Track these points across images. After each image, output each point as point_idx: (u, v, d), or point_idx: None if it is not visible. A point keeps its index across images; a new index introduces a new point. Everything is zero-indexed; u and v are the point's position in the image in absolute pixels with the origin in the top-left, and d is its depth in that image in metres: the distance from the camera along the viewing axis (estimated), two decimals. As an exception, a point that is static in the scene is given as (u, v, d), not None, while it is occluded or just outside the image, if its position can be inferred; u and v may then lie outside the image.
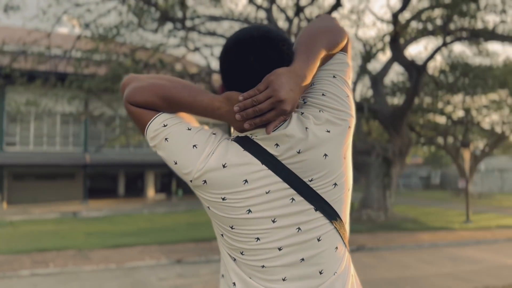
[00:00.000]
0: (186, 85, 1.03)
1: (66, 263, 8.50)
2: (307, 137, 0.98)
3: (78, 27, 11.72)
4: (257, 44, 0.97)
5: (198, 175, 0.99)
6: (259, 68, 0.96)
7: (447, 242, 10.98)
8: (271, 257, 1.00)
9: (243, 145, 0.99)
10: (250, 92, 0.94)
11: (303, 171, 0.99)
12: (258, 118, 0.95)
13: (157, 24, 11.36)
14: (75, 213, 17.29)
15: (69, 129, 22.00)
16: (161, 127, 1.02)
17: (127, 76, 1.10)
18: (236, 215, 0.99)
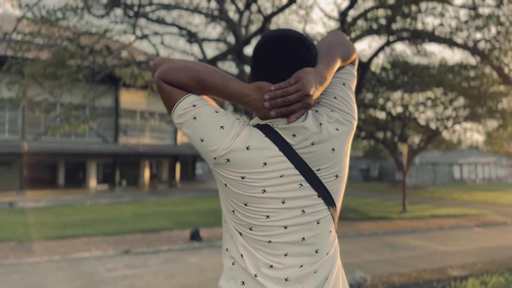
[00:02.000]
0: (217, 71, 1.14)
1: (6, 255, 8.13)
2: (321, 132, 1.13)
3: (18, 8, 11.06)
4: (293, 43, 1.12)
5: (223, 153, 1.09)
6: (292, 64, 1.11)
7: (386, 231, 11.67)
8: (277, 234, 1.13)
9: (265, 132, 1.12)
10: (282, 84, 1.08)
11: (312, 161, 1.13)
12: (285, 108, 1.08)
13: (105, 9, 10.97)
14: (11, 203, 16.42)
15: (5, 115, 20.73)
16: (191, 106, 1.11)
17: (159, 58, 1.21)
18: (251, 193, 1.11)
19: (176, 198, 19.45)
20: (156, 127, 26.69)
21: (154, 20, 11.97)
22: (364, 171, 37.62)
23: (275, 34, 1.15)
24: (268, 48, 1.13)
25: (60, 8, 10.87)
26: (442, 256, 8.69)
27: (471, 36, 10.76)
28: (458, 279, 5.51)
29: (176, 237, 10.21)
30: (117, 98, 23.75)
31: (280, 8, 10.49)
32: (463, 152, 38.63)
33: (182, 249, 9.25)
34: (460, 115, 21.38)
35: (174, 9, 12.28)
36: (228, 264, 1.20)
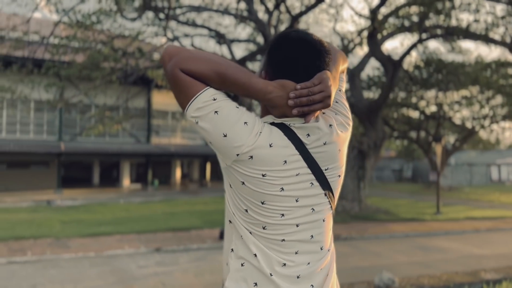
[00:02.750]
0: (238, 66, 1.13)
1: (44, 251, 8.45)
2: (331, 133, 1.18)
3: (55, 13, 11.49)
4: (318, 46, 1.15)
5: (247, 150, 1.07)
6: (315, 66, 1.14)
7: (418, 233, 11.40)
8: (290, 232, 1.15)
9: (283, 131, 1.13)
10: (307, 84, 1.11)
11: (322, 161, 1.17)
12: (307, 107, 1.10)
13: (137, 12, 11.25)
14: (49, 201, 17.04)
15: (44, 116, 21.54)
16: (211, 100, 1.08)
17: (173, 45, 1.14)
18: (270, 191, 1.11)
19: (206, 197, 19.68)
20: (187, 127, 27.07)
21: (183, 22, 12.16)
22: (397, 171, 36.88)
23: (299, 36, 1.16)
24: (294, 49, 1.14)
25: (95, 12, 11.22)
26: (477, 259, 8.42)
27: (509, 32, 10.37)
28: (491, 282, 5.33)
29: (205, 235, 10.33)
30: (149, 99, 24.26)
31: (308, 8, 10.44)
32: (502, 152, 37.22)
33: (212, 247, 9.35)
34: (497, 114, 20.63)
35: (204, 11, 12.43)
36: (236, 266, 1.19)
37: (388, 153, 36.80)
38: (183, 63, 1.09)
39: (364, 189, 15.42)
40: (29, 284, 6.70)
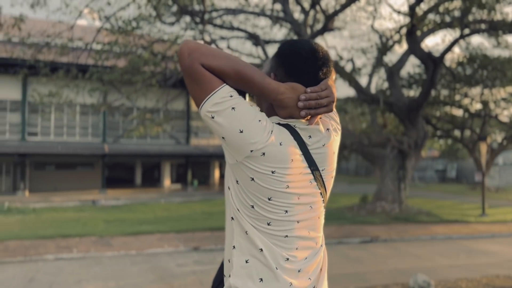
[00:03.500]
0: (253, 66, 1.19)
1: (88, 249, 8.83)
2: (329, 136, 1.27)
3: (98, 20, 11.95)
4: (325, 55, 1.25)
5: (261, 146, 1.13)
6: (323, 73, 1.24)
7: (462, 235, 11.02)
8: (292, 229, 1.22)
9: (289, 130, 1.20)
10: (316, 88, 1.20)
11: (320, 161, 1.25)
12: (313, 110, 1.19)
13: (175, 17, 11.52)
14: (94, 201, 17.74)
15: (88, 120, 22.45)
16: (228, 96, 1.13)
17: (192, 41, 1.17)
18: (278, 188, 1.17)
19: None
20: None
21: (219, 25, 12.31)
22: (440, 172, 35.68)
23: (309, 45, 1.25)
24: (305, 57, 1.22)
25: (135, 18, 11.59)
26: (525, 264, 8.04)
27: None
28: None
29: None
30: (188, 101, 24.73)
31: (343, 6, 10.31)
32: (554, 151, 35.19)
33: (249, 247, 9.43)
34: (548, 111, 19.56)
35: (240, 13, 12.55)
36: (240, 262, 1.22)
37: (431, 153, 35.65)
38: (204, 58, 1.13)
39: (404, 190, 15.05)
40: (75, 280, 7.02)
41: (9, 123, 20.94)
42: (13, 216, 13.47)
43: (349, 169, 43.09)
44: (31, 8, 9.27)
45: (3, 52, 10.18)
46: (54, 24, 10.58)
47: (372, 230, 11.25)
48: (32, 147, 20.10)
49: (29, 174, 21.09)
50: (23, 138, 20.85)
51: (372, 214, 13.93)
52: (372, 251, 9.21)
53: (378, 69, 16.35)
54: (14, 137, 20.93)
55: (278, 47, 1.33)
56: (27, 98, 20.26)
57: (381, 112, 16.84)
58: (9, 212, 14.27)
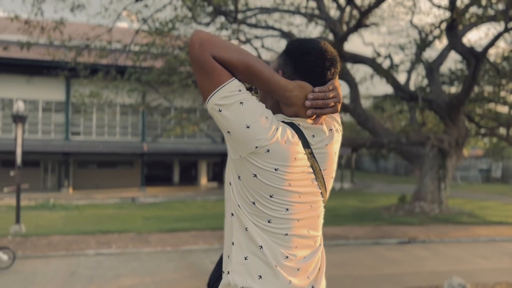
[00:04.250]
0: (263, 61, 1.19)
1: (126, 245, 9.09)
2: (332, 136, 1.28)
3: (136, 22, 12.27)
4: (334, 55, 1.25)
5: (266, 143, 1.12)
6: (330, 73, 1.24)
7: (506, 237, 10.56)
8: (292, 227, 1.22)
9: (294, 129, 1.21)
10: (324, 88, 1.21)
11: (322, 161, 1.25)
12: (319, 109, 1.19)
13: (210, 17, 11.66)
14: (133, 198, 18.25)
15: (128, 119, 23.10)
16: (237, 90, 1.12)
17: (204, 32, 1.16)
18: (280, 185, 1.17)
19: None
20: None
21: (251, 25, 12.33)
22: (484, 171, 34.25)
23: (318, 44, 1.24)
24: (314, 56, 1.22)
25: (171, 19, 11.82)
26: None
27: None
28: None
29: (277, 234, 10.42)
30: (260, 102, 24.91)
31: (377, 2, 10.06)
32: None
33: (283, 246, 9.43)
34: None
35: (274, 12, 12.54)
36: (239, 259, 1.22)
37: (475, 151, 34.29)
38: (215, 50, 1.11)
39: (445, 189, 14.57)
40: (113, 275, 7.25)
41: (54, 123, 21.87)
42: (57, 212, 14.08)
43: (388, 168, 42.15)
44: (71, 12, 9.63)
45: (46, 55, 10.65)
46: (93, 27, 10.97)
47: (410, 231, 10.97)
48: (75, 146, 20.91)
49: (73, 172, 21.96)
50: (67, 137, 21.72)
51: (411, 215, 13.58)
52: (409, 253, 8.98)
53: (417, 66, 15.89)
54: (58, 137, 21.84)
55: (286, 44, 1.33)
56: (71, 99, 21.09)
57: (420, 109, 16.36)
58: (54, 208, 14.92)
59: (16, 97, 18.91)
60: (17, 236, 9.84)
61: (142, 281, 6.88)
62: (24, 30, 9.41)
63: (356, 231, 11.00)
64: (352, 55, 13.36)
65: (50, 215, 13.48)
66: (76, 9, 9.58)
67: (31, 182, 20.56)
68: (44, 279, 7.09)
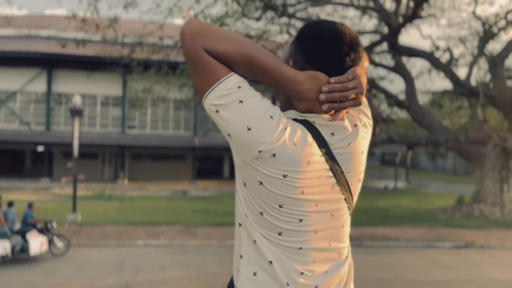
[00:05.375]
0: (267, 51, 1.02)
1: (174, 237, 9.28)
2: (357, 133, 1.09)
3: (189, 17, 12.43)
4: (353, 39, 1.05)
5: (271, 147, 0.97)
6: (349, 60, 1.04)
7: None
8: (308, 240, 1.06)
9: (307, 128, 1.03)
10: (341, 78, 1.01)
11: (345, 163, 1.07)
12: (337, 104, 1.01)
13: (260, 12, 11.57)
14: (184, 191, 18.66)
15: (181, 114, 23.65)
16: (236, 87, 0.98)
17: (197, 21, 1.02)
18: (290, 193, 1.01)
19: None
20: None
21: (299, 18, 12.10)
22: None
23: (334, 27, 1.06)
24: (329, 40, 1.03)
25: (222, 15, 11.87)
26: None
27: None
28: None
29: (324, 233, 10.21)
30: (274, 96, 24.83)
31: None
32: None
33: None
34: None
35: (326, 4, 12.23)
36: (247, 274, 1.09)
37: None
38: (208, 42, 0.97)
39: (508, 192, 13.64)
40: (159, 266, 7.41)
41: (112, 117, 22.83)
42: (112, 203, 14.67)
43: (446, 167, 40.31)
44: (124, 9, 9.93)
45: (101, 51, 11.06)
46: (145, 24, 11.25)
47: (467, 235, 10.35)
48: (131, 139, 21.72)
49: (128, 164, 22.83)
50: (123, 131, 22.60)
51: (468, 217, 12.82)
52: (465, 258, 8.46)
53: (479, 59, 14.93)
54: (115, 130, 22.78)
55: (299, 29, 1.13)
56: (127, 94, 21.90)
57: (482, 106, 15.39)
58: (109, 199, 15.56)
59: (77, 92, 19.90)
60: (73, 225, 10.34)
61: (186, 274, 6.97)
62: (81, 28, 9.82)
63: (408, 233, 10.54)
64: (408, 48, 12.79)
65: (105, 205, 14.06)
66: (129, 6, 9.86)
67: (90, 173, 21.62)
68: (94, 267, 7.38)
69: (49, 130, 22.27)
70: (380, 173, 35.80)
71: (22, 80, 22.90)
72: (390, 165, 39.25)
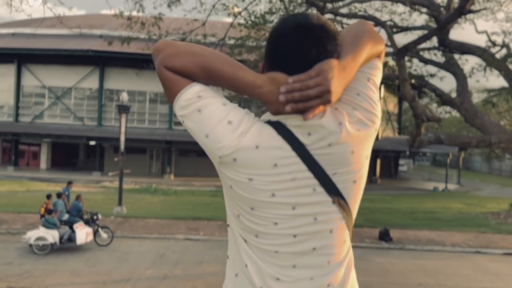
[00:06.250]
0: (227, 58, 1.05)
1: (213, 232, 9.41)
2: (340, 132, 1.00)
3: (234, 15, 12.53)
4: (316, 32, 0.98)
5: (229, 151, 0.99)
6: (313, 55, 0.98)
7: None
8: (285, 243, 1.02)
9: (277, 129, 1.00)
10: (301, 77, 0.96)
11: (328, 164, 1.01)
12: (302, 103, 0.96)
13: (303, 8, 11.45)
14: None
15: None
16: (195, 97, 1.01)
17: (162, 40, 1.09)
18: (259, 197, 1.00)
19: (374, 195, 19.00)
20: (357, 121, 26.66)
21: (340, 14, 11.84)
22: None
23: (295, 19, 1.01)
24: (287, 36, 0.99)
25: (266, 12, 11.86)
26: None
27: None
28: None
29: (365, 234, 9.98)
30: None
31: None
32: None
33: (370, 247, 8.99)
34: None
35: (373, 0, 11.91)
36: (230, 275, 1.10)
37: None
38: (167, 60, 1.03)
39: None
40: (197, 260, 7.55)
41: (159, 113, 23.50)
42: (157, 197, 15.11)
43: (503, 170, 38.32)
44: (168, 7, 10.16)
45: (146, 49, 11.37)
46: (188, 22, 11.43)
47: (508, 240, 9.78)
48: (177, 135, 22.25)
49: (175, 160, 23.42)
50: (170, 127, 23.21)
51: None
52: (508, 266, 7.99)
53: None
54: (163, 126, 23.44)
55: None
56: (173, 90, 22.47)
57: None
58: (155, 193, 16.04)
59: (127, 89, 20.63)
60: (119, 217, 10.75)
61: (223, 270, 7.01)
62: (127, 26, 10.15)
63: (455, 237, 10.09)
64: (459, 44, 12.20)
65: (150, 198, 14.51)
66: (173, 4, 10.08)
67: (138, 167, 22.41)
68: (136, 258, 7.63)
69: (100, 125, 23.29)
70: (430, 174, 34.52)
71: (76, 78, 24.09)
72: (442, 166, 37.78)
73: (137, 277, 6.60)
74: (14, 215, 10.68)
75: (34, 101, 25.24)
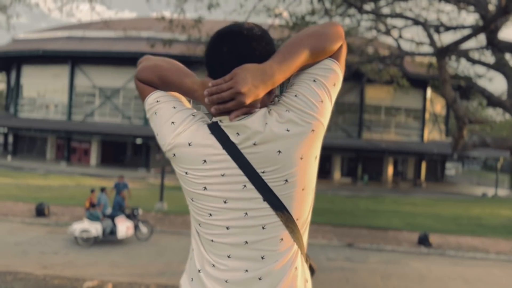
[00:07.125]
0: (179, 68, 1.22)
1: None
2: (263, 132, 1.06)
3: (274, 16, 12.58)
4: (232, 39, 1.09)
5: (169, 148, 1.14)
6: (230, 60, 1.07)
7: None
8: (219, 234, 1.11)
9: (211, 129, 1.11)
10: (218, 81, 1.06)
11: (257, 162, 1.07)
12: (222, 105, 1.06)
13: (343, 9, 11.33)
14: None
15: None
16: (155, 102, 1.20)
17: (144, 56, 1.31)
18: (194, 189, 1.12)
19: (417, 199, 18.48)
20: (401, 123, 25.90)
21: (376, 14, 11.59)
22: None
23: (220, 29, 1.13)
24: (209, 44, 1.13)
25: (308, 13, 11.83)
26: None
27: None
28: None
29: (403, 238, 9.77)
30: (361, 93, 24.18)
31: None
32: None
33: (407, 252, 8.81)
34: None
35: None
36: (189, 256, 1.23)
37: None
38: (138, 73, 1.24)
39: None
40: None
41: (202, 113, 24.03)
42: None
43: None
44: (208, 10, 10.36)
45: (185, 50, 11.66)
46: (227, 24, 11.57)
47: None
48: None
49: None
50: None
51: None
52: None
53: None
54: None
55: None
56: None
57: None
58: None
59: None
60: (159, 213, 11.13)
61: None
62: (169, 29, 10.47)
63: (500, 245, 9.67)
64: (509, 44, 11.64)
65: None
66: (212, 7, 10.28)
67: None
68: (172, 253, 7.89)
69: (146, 125, 24.11)
70: (480, 179, 33.06)
71: (124, 78, 25.07)
72: (492, 170, 36.05)
73: (172, 271, 6.84)
74: (63, 207, 11.32)
75: (86, 100, 26.54)
